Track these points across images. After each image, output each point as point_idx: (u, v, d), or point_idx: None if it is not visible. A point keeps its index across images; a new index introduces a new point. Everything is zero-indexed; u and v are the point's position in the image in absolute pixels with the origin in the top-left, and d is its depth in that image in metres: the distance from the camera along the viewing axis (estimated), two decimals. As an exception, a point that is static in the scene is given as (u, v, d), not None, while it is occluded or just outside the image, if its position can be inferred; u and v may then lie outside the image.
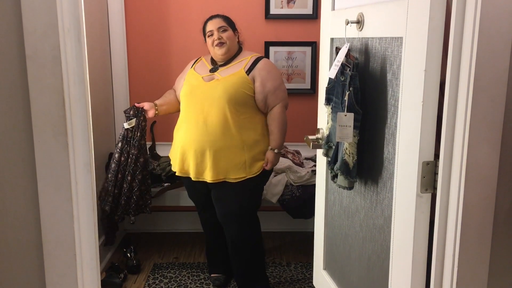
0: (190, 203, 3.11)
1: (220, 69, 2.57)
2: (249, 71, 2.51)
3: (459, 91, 1.21)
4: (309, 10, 3.31)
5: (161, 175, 3.18)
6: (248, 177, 2.51)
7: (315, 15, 3.27)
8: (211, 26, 2.56)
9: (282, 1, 3.30)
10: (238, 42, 2.65)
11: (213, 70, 2.58)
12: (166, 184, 3.14)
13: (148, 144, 3.50)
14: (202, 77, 2.56)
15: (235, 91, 2.46)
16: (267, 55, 3.36)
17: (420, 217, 1.37)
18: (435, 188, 1.33)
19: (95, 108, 2.94)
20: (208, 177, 2.52)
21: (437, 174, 1.31)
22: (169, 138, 3.53)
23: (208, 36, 2.57)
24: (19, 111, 1.20)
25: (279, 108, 2.53)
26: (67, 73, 1.18)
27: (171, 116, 3.51)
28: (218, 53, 2.54)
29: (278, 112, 2.53)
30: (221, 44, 2.53)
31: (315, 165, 3.16)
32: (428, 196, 1.36)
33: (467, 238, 1.24)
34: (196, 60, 2.72)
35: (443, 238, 1.30)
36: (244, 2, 3.33)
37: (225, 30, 2.55)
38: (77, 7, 1.19)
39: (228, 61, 2.59)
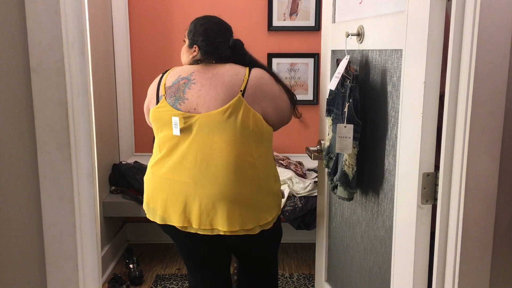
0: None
1: None
2: None
3: (458, 103, 1.22)
4: (311, 22, 3.33)
5: (164, 186, 3.19)
6: None
7: (317, 27, 3.30)
8: None
9: (284, 13, 3.33)
10: (204, 56, 1.97)
11: None
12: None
13: (151, 155, 3.52)
14: None
15: None
16: (270, 66, 3.39)
17: (420, 228, 1.38)
18: (435, 199, 1.33)
19: (99, 120, 2.96)
20: None
21: (438, 185, 1.31)
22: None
23: None
24: (23, 123, 1.22)
25: None
26: (70, 85, 1.20)
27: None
28: None
29: None
30: None
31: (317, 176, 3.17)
32: (428, 207, 1.36)
33: (467, 249, 1.24)
34: None
35: (443, 250, 1.30)
36: (247, 14, 3.36)
37: (184, 41, 2.06)
38: (81, 21, 1.21)
39: None
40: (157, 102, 1.91)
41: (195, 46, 1.97)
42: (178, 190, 1.83)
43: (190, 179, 1.81)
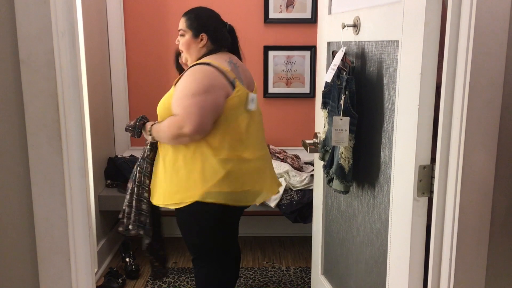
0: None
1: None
2: (177, 82, 1.99)
3: (455, 95, 1.21)
4: (308, 15, 3.31)
5: (160, 180, 3.18)
6: None
7: (314, 19, 3.27)
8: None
9: (281, 6, 3.31)
10: (215, 44, 2.00)
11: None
12: (165, 189, 3.13)
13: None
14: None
15: (162, 108, 2.00)
16: (266, 59, 3.37)
17: (417, 221, 1.37)
18: (431, 192, 1.32)
19: (94, 113, 2.94)
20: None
21: (434, 178, 1.30)
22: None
23: None
24: (12, 116, 1.20)
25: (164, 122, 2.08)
26: (61, 77, 1.18)
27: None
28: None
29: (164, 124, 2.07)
30: (181, 51, 2.06)
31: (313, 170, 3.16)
32: (424, 200, 1.35)
33: (464, 242, 1.23)
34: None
35: (439, 242, 1.29)
36: (243, 7, 3.33)
37: (182, 35, 2.02)
38: (72, 11, 1.19)
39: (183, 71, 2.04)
40: (233, 87, 1.91)
41: (202, 34, 1.99)
42: (264, 164, 2.07)
43: (264, 151, 2.09)
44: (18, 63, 1.16)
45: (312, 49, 3.32)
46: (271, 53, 3.37)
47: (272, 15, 3.32)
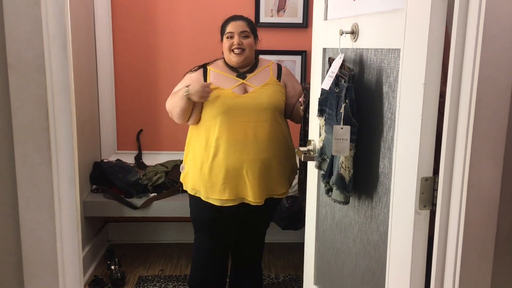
0: (175, 213, 3.05)
1: (248, 76, 2.40)
2: (278, 77, 2.43)
3: (460, 107, 1.18)
4: (299, 19, 3.28)
5: (147, 185, 3.11)
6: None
7: (305, 24, 3.25)
8: (233, 28, 2.39)
9: (272, 10, 3.27)
10: (256, 50, 2.49)
11: (241, 77, 2.39)
12: (152, 195, 3.07)
13: (134, 153, 3.44)
14: (231, 91, 2.33)
15: (277, 99, 2.35)
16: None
17: (418, 235, 1.33)
18: (433, 205, 1.29)
19: (80, 115, 2.86)
20: (258, 198, 2.34)
21: (436, 190, 1.27)
22: (155, 147, 3.47)
23: (227, 38, 2.39)
24: (-1, 123, 1.13)
25: None
26: (51, 83, 1.12)
27: (158, 124, 3.45)
28: (234, 59, 2.38)
29: None
30: (241, 50, 2.36)
31: (304, 176, 3.12)
32: (426, 213, 1.32)
33: (468, 257, 1.19)
34: (204, 72, 2.42)
35: (442, 257, 1.26)
36: (233, 10, 3.27)
37: (246, 36, 2.39)
38: (64, 13, 1.12)
39: (252, 67, 2.44)
40: None
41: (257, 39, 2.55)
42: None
43: None
44: (6, 67, 1.10)
45: (303, 54, 3.29)
46: (262, 57, 3.32)
47: (263, 19, 3.28)
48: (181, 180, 2.50)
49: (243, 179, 2.30)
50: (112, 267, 2.97)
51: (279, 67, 2.49)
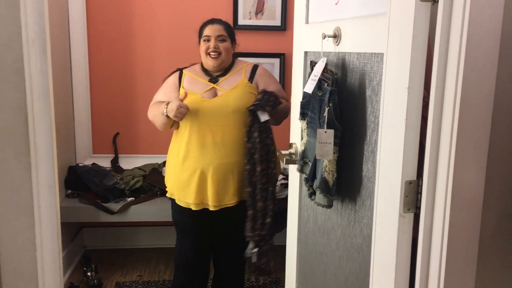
0: (154, 218, 3.00)
1: (220, 79, 2.41)
2: (250, 78, 2.43)
3: (444, 111, 1.19)
4: (277, 22, 3.28)
5: (125, 190, 3.06)
6: None
7: (283, 27, 3.25)
8: (210, 31, 2.41)
9: (250, 12, 3.26)
10: (233, 53, 2.50)
11: (212, 81, 2.41)
12: (129, 199, 3.02)
13: (110, 156, 3.37)
14: (201, 95, 2.36)
15: (245, 102, 2.34)
16: (234, 66, 3.31)
17: (402, 237, 1.34)
18: (417, 208, 1.30)
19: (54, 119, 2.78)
20: (229, 201, 2.37)
21: (420, 193, 1.28)
22: (132, 150, 3.42)
23: (204, 41, 2.41)
24: (-25, 129, 1.08)
25: (286, 102, 2.48)
26: (30, 87, 1.08)
27: (135, 127, 3.40)
28: (210, 63, 2.39)
29: (287, 104, 2.45)
30: (217, 54, 2.38)
31: (284, 178, 3.12)
32: (410, 216, 1.33)
33: (452, 259, 1.21)
34: (179, 75, 2.47)
35: (427, 259, 1.27)
36: (211, 13, 3.25)
37: (223, 40, 2.40)
38: (43, 17, 1.09)
39: (225, 71, 2.44)
40: None
41: (234, 43, 2.56)
42: None
43: None
44: (-18, 71, 1.05)
45: (282, 56, 3.29)
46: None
47: (241, 21, 3.27)
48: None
49: (208, 183, 2.32)
50: (89, 273, 2.90)
51: (254, 68, 2.49)
